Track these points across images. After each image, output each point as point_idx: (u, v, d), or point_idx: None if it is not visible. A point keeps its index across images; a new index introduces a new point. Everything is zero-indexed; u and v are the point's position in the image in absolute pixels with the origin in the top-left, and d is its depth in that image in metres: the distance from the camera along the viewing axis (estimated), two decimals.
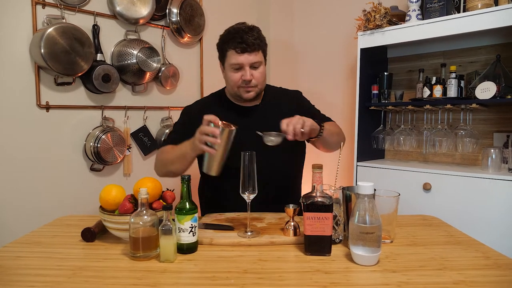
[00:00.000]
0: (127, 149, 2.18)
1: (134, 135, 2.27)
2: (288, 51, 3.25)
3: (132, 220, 0.99)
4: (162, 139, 2.35)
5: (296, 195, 1.57)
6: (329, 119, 1.57)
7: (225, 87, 1.55)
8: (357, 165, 2.42)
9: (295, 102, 1.57)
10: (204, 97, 1.68)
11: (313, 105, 1.63)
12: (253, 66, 1.41)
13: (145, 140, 2.31)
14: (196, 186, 1.59)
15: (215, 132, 1.18)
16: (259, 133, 1.24)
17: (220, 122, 1.20)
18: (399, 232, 1.21)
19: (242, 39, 1.37)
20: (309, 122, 1.24)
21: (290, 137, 1.20)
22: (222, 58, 1.46)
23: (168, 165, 1.44)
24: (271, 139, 1.23)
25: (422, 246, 1.09)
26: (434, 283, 0.86)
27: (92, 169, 2.09)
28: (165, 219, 0.98)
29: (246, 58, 1.39)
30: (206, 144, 1.20)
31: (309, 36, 3.19)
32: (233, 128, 1.20)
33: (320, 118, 1.51)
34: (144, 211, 1.00)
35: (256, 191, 1.14)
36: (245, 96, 1.45)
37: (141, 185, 1.12)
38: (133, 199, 1.11)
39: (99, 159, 2.02)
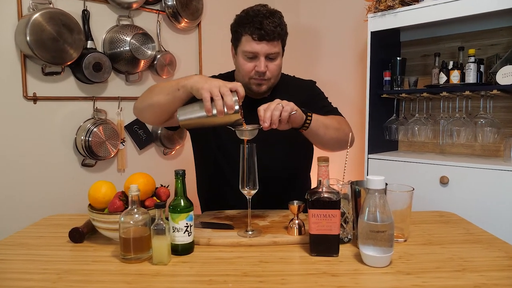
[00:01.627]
0: (121, 143, 2.17)
1: (129, 127, 2.25)
2: (292, 35, 3.20)
3: (122, 219, 0.98)
4: (158, 131, 2.33)
5: (303, 190, 1.53)
6: (336, 113, 1.50)
7: (234, 70, 1.51)
8: (368, 158, 2.40)
9: (305, 93, 1.52)
10: (211, 76, 1.59)
11: (326, 97, 1.58)
12: (269, 57, 1.35)
13: (140, 133, 2.29)
14: (190, 181, 1.55)
15: (231, 107, 1.07)
16: (231, 128, 1.15)
17: (240, 104, 1.11)
18: (413, 230, 1.19)
19: (261, 25, 1.30)
20: (288, 107, 1.12)
21: (266, 125, 1.10)
22: (236, 42, 1.40)
23: (153, 94, 1.27)
24: (244, 133, 1.13)
25: (439, 245, 1.07)
26: (453, 286, 0.84)
27: (83, 164, 2.08)
28: (158, 218, 0.97)
29: (262, 47, 1.32)
30: (211, 100, 1.08)
31: (315, 19, 3.15)
32: (242, 120, 1.12)
33: (327, 111, 1.44)
34: (135, 209, 0.98)
35: (257, 187, 1.12)
36: (255, 90, 1.40)
37: (133, 181, 1.10)
38: (124, 197, 1.09)
39: (90, 153, 2.01)
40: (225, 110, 1.08)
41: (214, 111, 1.08)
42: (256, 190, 1.12)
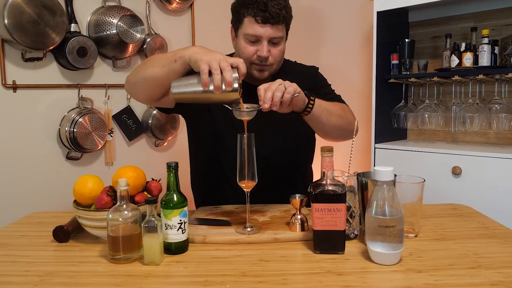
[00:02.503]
0: (109, 134, 2.17)
1: (117, 117, 2.25)
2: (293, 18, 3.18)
3: (110, 216, 0.97)
4: (149, 121, 2.32)
5: (305, 183, 1.53)
6: (340, 101, 1.50)
7: (233, 54, 1.50)
8: (375, 147, 2.40)
9: (307, 80, 1.51)
10: None
11: (329, 84, 1.58)
12: (272, 42, 1.35)
13: (129, 123, 2.29)
14: (183, 175, 1.55)
15: (230, 83, 1.06)
16: (228, 107, 1.14)
17: (240, 83, 1.09)
18: (424, 224, 1.19)
19: (266, 6, 1.30)
20: (291, 89, 1.11)
21: (266, 106, 1.08)
22: (237, 23, 1.39)
23: (148, 66, 1.25)
24: (242, 114, 1.12)
25: (452, 241, 1.07)
26: (467, 284, 0.83)
27: (68, 157, 2.08)
28: (149, 215, 0.96)
29: (266, 31, 1.32)
30: (209, 74, 1.06)
31: None
32: (241, 100, 1.11)
33: (329, 99, 1.43)
34: (124, 206, 0.98)
35: (256, 180, 1.11)
36: (256, 76, 1.40)
37: (121, 175, 1.09)
38: (112, 192, 1.09)
39: (76, 146, 2.01)
40: (223, 86, 1.06)
41: (211, 87, 1.06)
42: (255, 183, 1.11)
